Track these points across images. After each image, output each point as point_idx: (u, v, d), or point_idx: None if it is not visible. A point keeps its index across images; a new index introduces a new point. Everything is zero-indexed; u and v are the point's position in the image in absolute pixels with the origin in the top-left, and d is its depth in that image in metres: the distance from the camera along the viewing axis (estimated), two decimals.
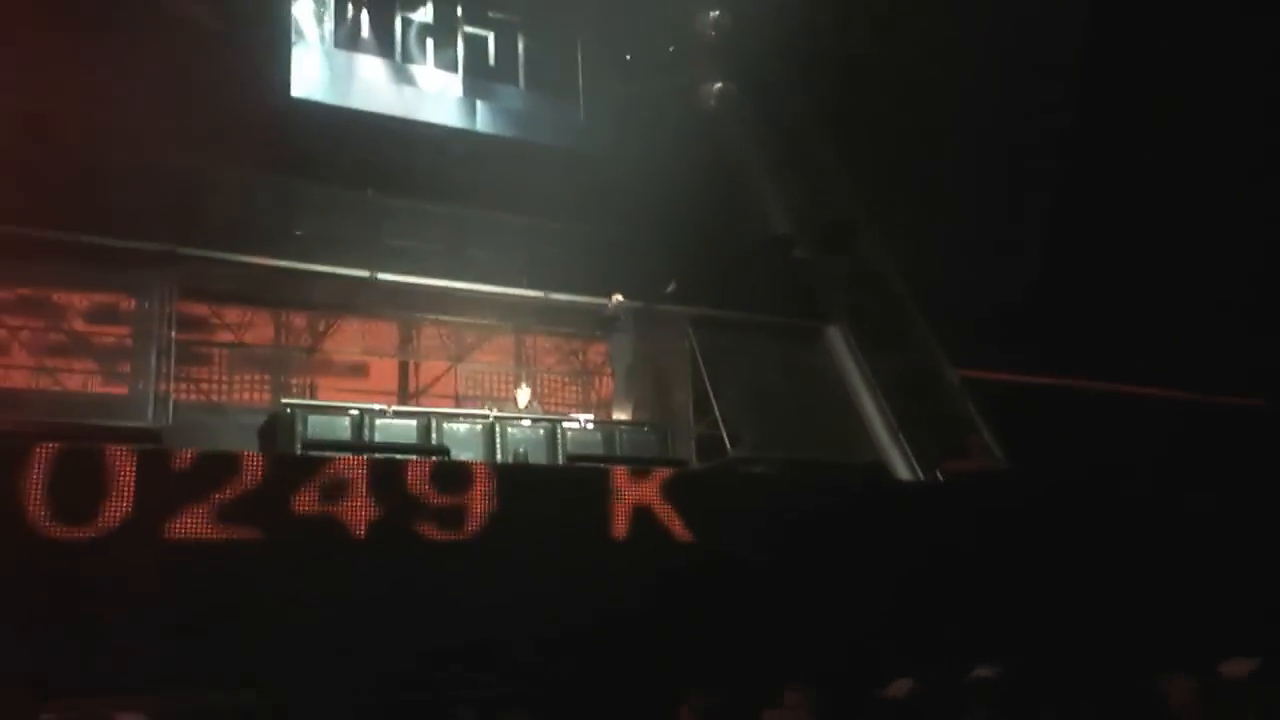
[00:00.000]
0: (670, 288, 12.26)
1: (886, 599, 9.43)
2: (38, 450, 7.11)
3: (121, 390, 10.11)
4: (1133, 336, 13.25)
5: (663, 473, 9.37)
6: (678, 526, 9.01)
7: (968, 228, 14.43)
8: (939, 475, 12.29)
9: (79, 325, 10.29)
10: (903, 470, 12.46)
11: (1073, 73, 13.56)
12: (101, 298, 10.46)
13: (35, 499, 6.98)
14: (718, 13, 15.41)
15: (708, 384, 12.47)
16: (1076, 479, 12.15)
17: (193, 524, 7.26)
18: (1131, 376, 13.37)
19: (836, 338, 13.90)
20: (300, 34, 12.97)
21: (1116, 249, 13.57)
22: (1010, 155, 14.06)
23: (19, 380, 9.93)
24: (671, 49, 15.68)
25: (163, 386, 10.11)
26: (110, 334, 10.48)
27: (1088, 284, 13.96)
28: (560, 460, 10.80)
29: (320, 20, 13.13)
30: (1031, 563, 10.36)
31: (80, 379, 10.35)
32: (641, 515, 8.83)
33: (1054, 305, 13.88)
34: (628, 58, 15.41)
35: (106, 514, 7.13)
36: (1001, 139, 13.88)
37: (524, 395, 12.26)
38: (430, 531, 7.92)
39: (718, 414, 12.17)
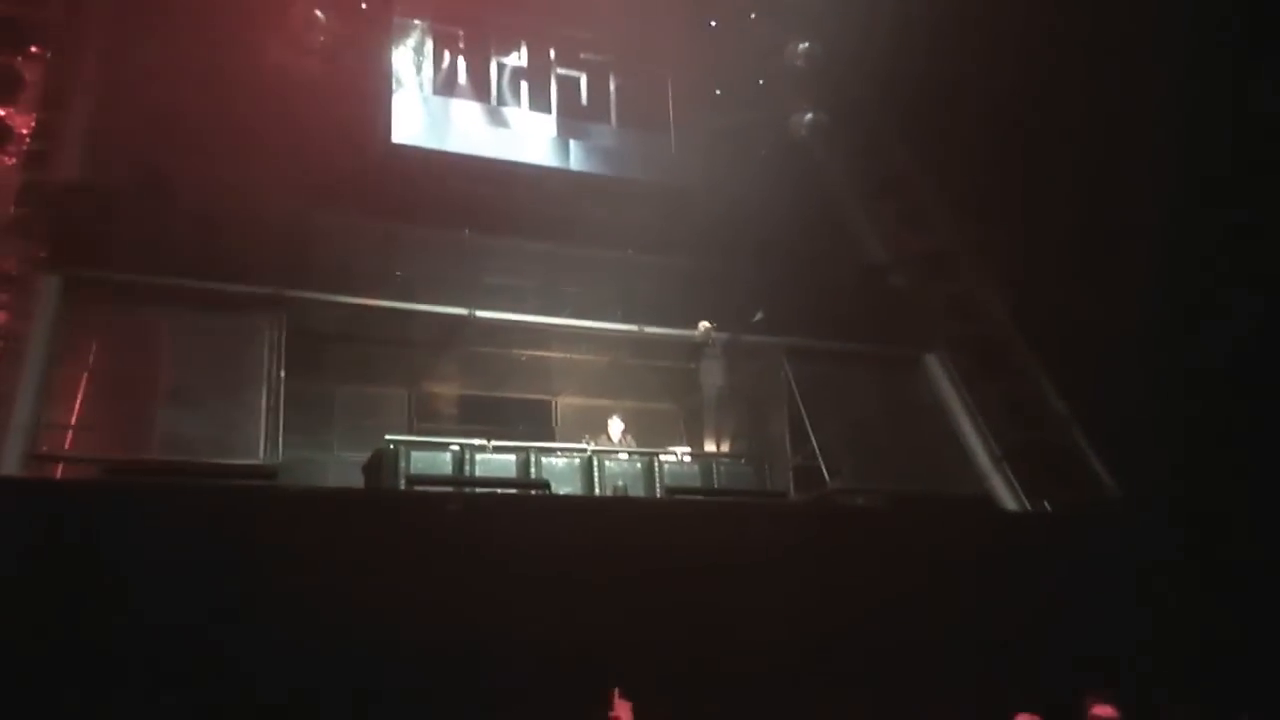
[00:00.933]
0: (758, 316, 12.22)
1: (1000, 633, 9.20)
2: None
3: (233, 429, 10.41)
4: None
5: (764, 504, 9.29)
6: (780, 558, 8.90)
7: (1070, 251, 14.05)
8: (1046, 506, 11.94)
9: (195, 367, 10.67)
10: (1008, 501, 12.14)
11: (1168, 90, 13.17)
12: (215, 340, 10.85)
13: None
14: (807, 43, 15.42)
15: (804, 415, 12.36)
16: (1189, 509, 11.68)
17: None
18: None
19: (935, 366, 13.66)
20: (400, 81, 13.37)
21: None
22: (1111, 174, 13.67)
23: (139, 420, 10.31)
24: (761, 81, 15.74)
25: (273, 425, 10.42)
26: (223, 375, 10.84)
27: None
28: (658, 493, 10.80)
29: (419, 68, 13.55)
30: (1134, 594, 10.01)
31: (197, 419, 10.72)
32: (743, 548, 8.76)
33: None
34: (718, 92, 15.51)
35: None
36: (1104, 158, 13.50)
37: (616, 427, 12.31)
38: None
39: (815, 445, 12.05)
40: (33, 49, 11.80)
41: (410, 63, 13.56)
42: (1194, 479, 11.47)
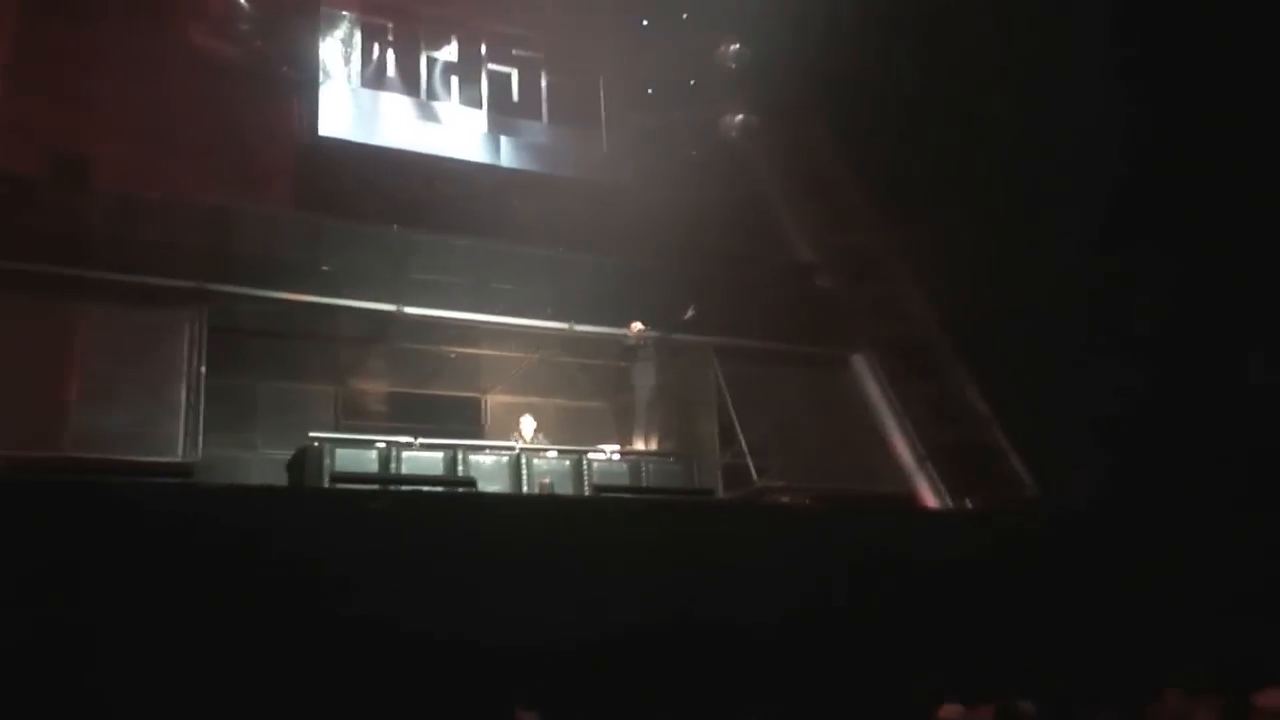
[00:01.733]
0: (689, 313, 12.28)
1: (914, 628, 9.34)
2: None
3: (152, 426, 10.17)
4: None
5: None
6: (706, 557, 8.95)
7: (995, 252, 14.34)
8: (967, 504, 12.19)
9: (111, 361, 10.39)
10: (931, 499, 12.37)
11: (1095, 82, 13.49)
12: (133, 333, 10.57)
13: None
14: (737, 45, 15.56)
15: (733, 414, 12.48)
16: (1108, 507, 12.00)
17: None
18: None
19: (861, 366, 13.87)
20: (327, 73, 13.17)
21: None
22: (1032, 172, 13.97)
23: (52, 416, 10.01)
24: (692, 81, 15.82)
25: (193, 421, 10.20)
26: (142, 369, 10.57)
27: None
28: (586, 491, 10.80)
29: (347, 59, 13.36)
30: (1059, 591, 10.24)
31: (112, 414, 10.44)
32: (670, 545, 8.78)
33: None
34: (649, 91, 15.55)
35: None
36: (1025, 154, 13.80)
37: (529, 425, 12.28)
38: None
39: (743, 444, 12.16)
40: None
41: (338, 54, 13.36)
42: (1114, 479, 11.80)
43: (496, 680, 7.37)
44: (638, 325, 12.40)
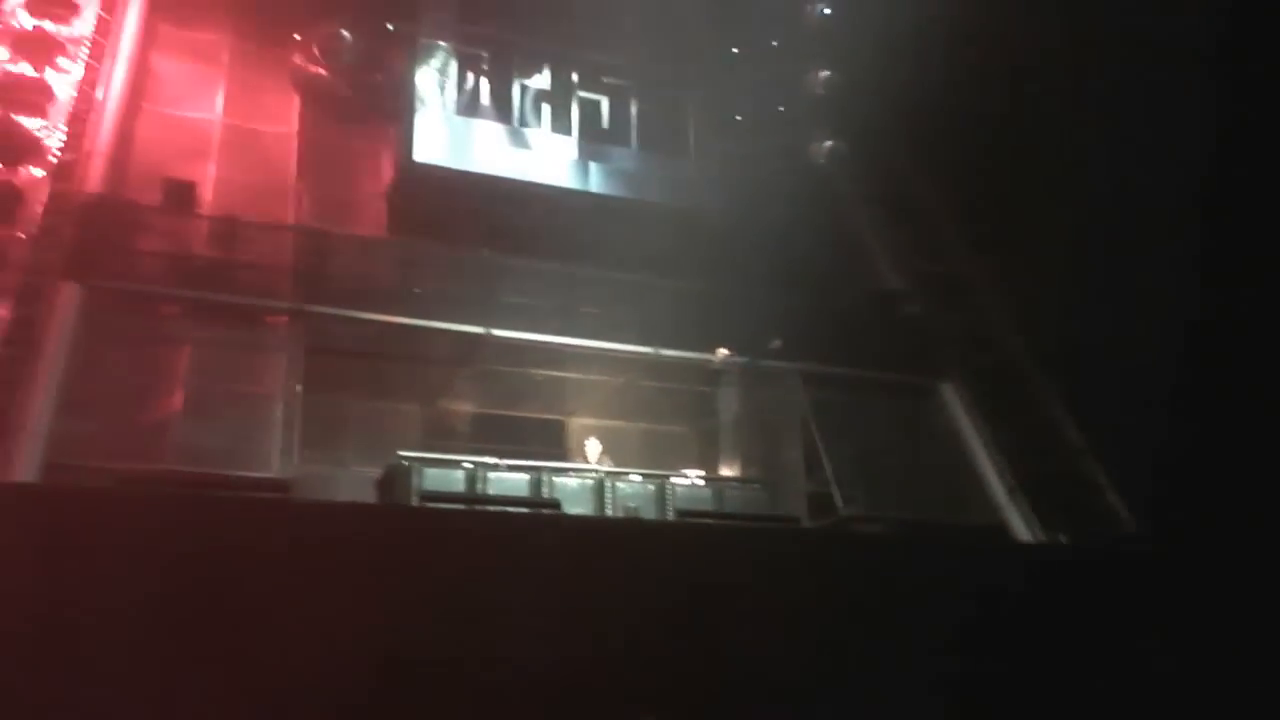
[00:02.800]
0: (776, 344, 12.21)
1: (1005, 662, 9.12)
2: None
3: (249, 442, 10.46)
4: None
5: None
6: (790, 584, 8.86)
7: (1088, 281, 14.03)
8: (1061, 539, 11.86)
9: (213, 378, 10.74)
10: (1023, 532, 12.06)
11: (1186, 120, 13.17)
12: (233, 352, 10.93)
13: None
14: (827, 72, 15.50)
15: (819, 441, 12.36)
16: (1211, 545, 11.57)
17: None
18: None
19: (950, 395, 13.63)
20: (423, 101, 13.48)
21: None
22: (1126, 206, 13.67)
23: (156, 430, 10.37)
24: (781, 108, 15.80)
25: (289, 438, 10.48)
26: (240, 387, 10.91)
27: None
28: (669, 516, 10.79)
29: (442, 88, 13.65)
30: (1160, 630, 9.91)
31: (213, 430, 10.78)
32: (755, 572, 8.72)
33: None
34: (738, 117, 15.58)
35: None
36: (1118, 188, 13.50)
37: (594, 449, 12.31)
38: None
39: (829, 472, 12.04)
40: (63, 62, 12.01)
41: (434, 83, 13.67)
42: (1216, 514, 11.38)
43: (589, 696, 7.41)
44: (723, 351, 12.39)
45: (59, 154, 11.24)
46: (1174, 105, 13.02)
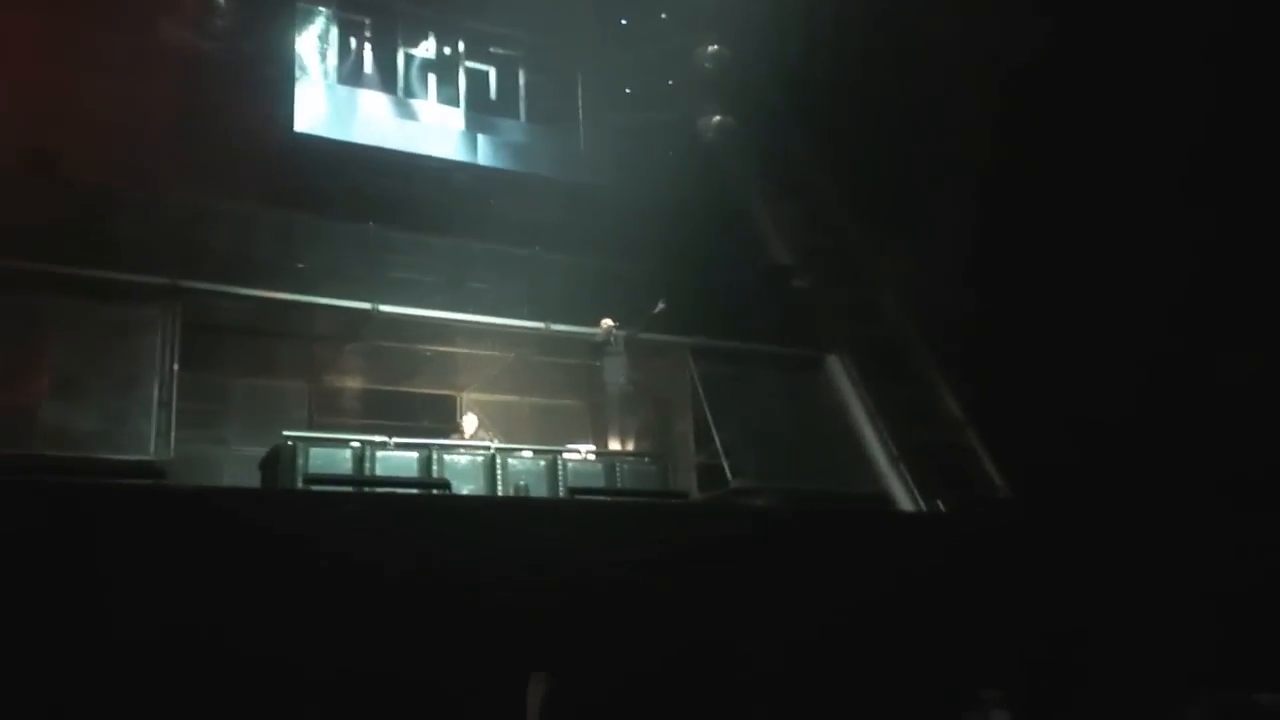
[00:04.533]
0: (659, 307, 12.27)
1: (886, 629, 9.43)
2: None
3: (123, 423, 10.08)
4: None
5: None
6: (682, 559, 8.98)
7: (967, 254, 14.46)
8: (940, 505, 12.28)
9: (82, 357, 10.28)
10: (904, 501, 12.45)
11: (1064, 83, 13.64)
12: (104, 330, 10.47)
13: None
14: (716, 46, 15.56)
15: (709, 414, 12.51)
16: (1079, 509, 12.14)
17: None
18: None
19: (836, 367, 13.93)
20: (304, 69, 13.07)
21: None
22: (1008, 175, 14.09)
23: (21, 412, 9.90)
24: (670, 82, 15.81)
25: (164, 419, 10.12)
26: (113, 367, 10.48)
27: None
28: (561, 491, 10.80)
29: (323, 56, 13.26)
30: (1034, 593, 10.36)
31: (82, 412, 10.34)
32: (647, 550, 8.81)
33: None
34: (628, 91, 15.54)
35: None
36: (1002, 159, 13.91)
37: (470, 423, 12.23)
38: None
39: (719, 444, 12.20)
40: None
41: (314, 50, 13.26)
42: (1085, 481, 11.93)
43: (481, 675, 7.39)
44: (607, 321, 12.40)
45: None
46: (1072, 80, 13.43)
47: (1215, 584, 10.75)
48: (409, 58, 13.79)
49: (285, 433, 10.41)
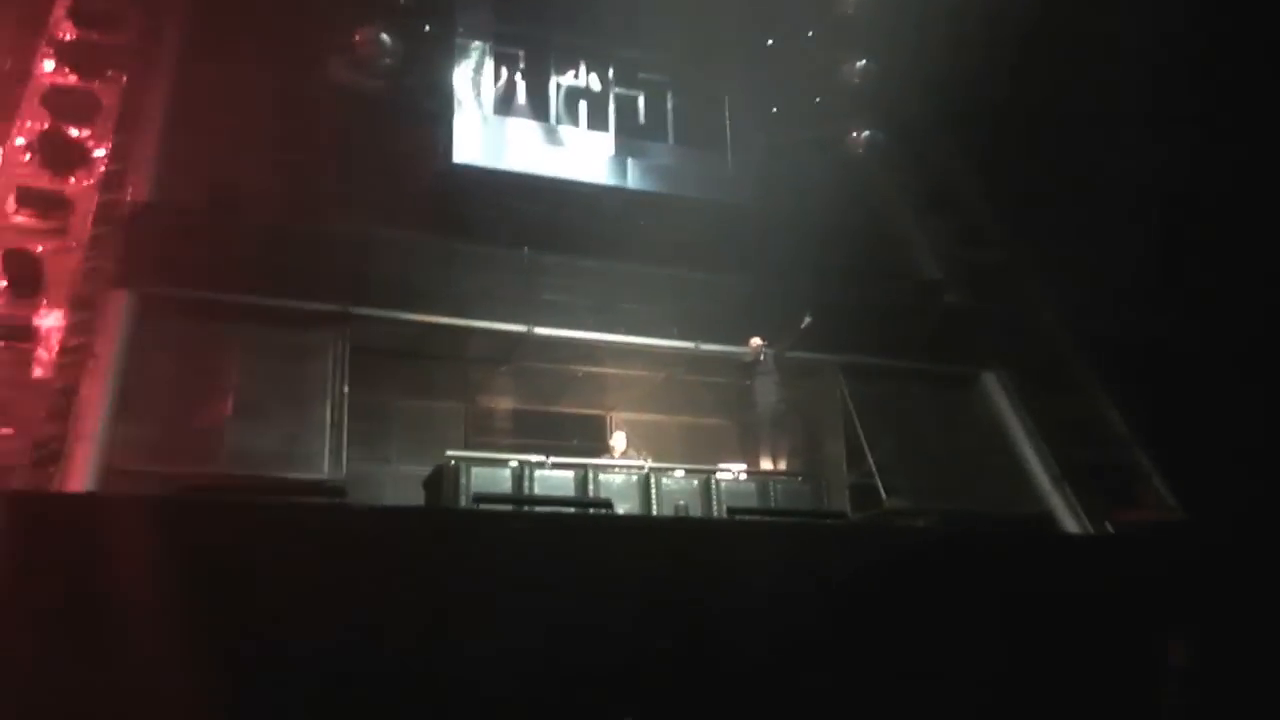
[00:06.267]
0: (805, 321, 12.19)
1: (1055, 655, 9.12)
2: None
3: (300, 444, 10.58)
4: None
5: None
6: (838, 579, 8.89)
7: (1128, 268, 13.95)
8: (1108, 527, 11.80)
9: (262, 381, 10.88)
10: (1069, 522, 12.01)
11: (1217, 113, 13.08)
12: (281, 355, 11.06)
13: None
14: (863, 61, 15.42)
15: (861, 433, 12.36)
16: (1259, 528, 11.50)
17: None
18: None
19: (993, 384, 13.57)
20: (460, 102, 13.54)
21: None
22: (1173, 191, 13.58)
23: (209, 435, 10.53)
24: (818, 99, 15.74)
25: (336, 439, 10.60)
26: (289, 390, 11.04)
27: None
28: (715, 511, 10.83)
29: (479, 88, 13.70)
30: (1205, 615, 9.85)
31: (263, 433, 10.91)
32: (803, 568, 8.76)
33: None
34: (774, 110, 15.53)
35: None
36: (1164, 175, 13.41)
37: (620, 441, 12.35)
38: None
39: (872, 464, 12.03)
40: (109, 73, 12.18)
41: (470, 82, 13.72)
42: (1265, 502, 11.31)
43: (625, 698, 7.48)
44: (756, 340, 12.40)
45: (107, 163, 11.42)
46: (1216, 102, 12.91)
47: None
48: (560, 86, 14.12)
49: (449, 452, 10.77)
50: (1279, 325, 12.96)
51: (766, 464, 12.31)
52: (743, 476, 11.78)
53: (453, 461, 10.48)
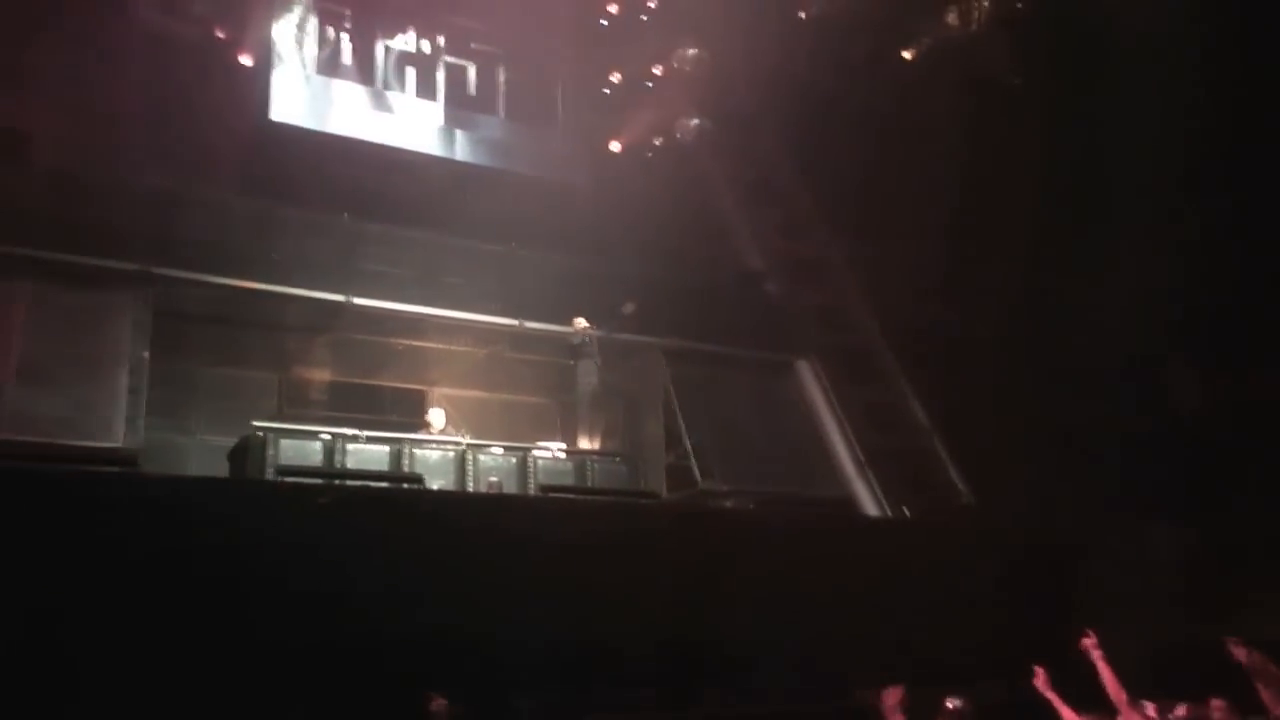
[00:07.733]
0: (628, 308, 12.33)
1: (848, 631, 9.57)
2: None
3: (92, 410, 9.95)
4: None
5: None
6: (649, 558, 9.06)
7: (937, 264, 14.68)
8: (904, 511, 12.44)
9: (50, 342, 10.15)
10: (869, 505, 12.60)
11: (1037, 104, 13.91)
12: (75, 316, 10.35)
13: None
14: (695, 50, 15.63)
15: (679, 416, 12.57)
16: (1037, 516, 12.38)
17: None
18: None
19: (806, 372, 14.06)
20: (281, 58, 12.97)
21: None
22: (979, 190, 14.33)
23: None
24: (649, 84, 15.87)
25: (134, 407, 10.02)
26: (82, 352, 10.35)
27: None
28: (532, 489, 10.82)
29: (301, 45, 13.16)
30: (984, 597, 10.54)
31: (50, 398, 10.20)
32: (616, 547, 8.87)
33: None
34: (606, 91, 15.57)
35: None
36: (974, 173, 14.14)
37: (438, 418, 12.26)
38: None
39: (689, 446, 12.27)
40: None
41: (292, 39, 13.16)
42: (1046, 491, 12.17)
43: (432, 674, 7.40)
44: (581, 321, 12.44)
45: None
46: (1046, 104, 13.69)
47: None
48: (388, 50, 13.72)
49: (255, 423, 10.34)
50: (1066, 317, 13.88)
51: (586, 443, 12.38)
52: (561, 455, 11.79)
53: (259, 432, 10.07)
